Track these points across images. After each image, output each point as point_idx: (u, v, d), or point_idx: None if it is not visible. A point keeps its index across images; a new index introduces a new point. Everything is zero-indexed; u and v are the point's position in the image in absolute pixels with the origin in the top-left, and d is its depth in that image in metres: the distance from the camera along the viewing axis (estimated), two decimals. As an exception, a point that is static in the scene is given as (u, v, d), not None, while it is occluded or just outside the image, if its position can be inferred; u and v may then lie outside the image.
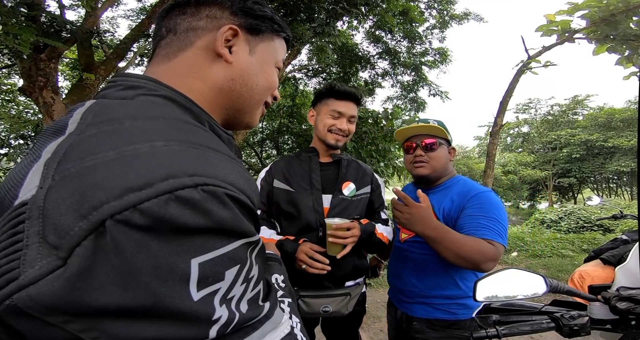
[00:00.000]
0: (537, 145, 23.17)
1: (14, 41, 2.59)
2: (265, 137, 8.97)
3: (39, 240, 0.25)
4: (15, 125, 4.98)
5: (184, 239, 0.28)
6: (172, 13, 0.51)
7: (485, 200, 1.10)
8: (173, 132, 0.34)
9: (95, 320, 0.26)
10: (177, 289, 0.28)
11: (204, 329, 0.30)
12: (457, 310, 1.16)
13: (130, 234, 0.26)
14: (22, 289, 0.24)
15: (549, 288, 0.81)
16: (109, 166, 0.28)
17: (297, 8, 4.53)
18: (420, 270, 1.20)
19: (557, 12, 4.94)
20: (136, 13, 8.02)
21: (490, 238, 1.00)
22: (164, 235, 0.27)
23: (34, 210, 0.26)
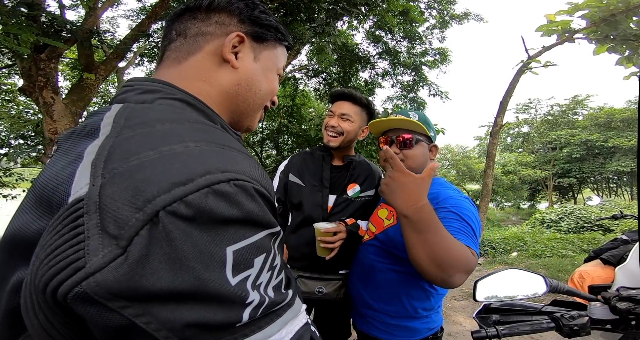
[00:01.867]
0: (537, 145, 23.17)
1: (13, 42, 2.58)
2: (265, 137, 8.97)
3: (98, 232, 0.28)
4: (15, 125, 4.98)
5: (220, 228, 0.31)
6: (183, 17, 0.53)
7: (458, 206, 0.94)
8: (199, 133, 0.38)
9: (148, 305, 0.28)
10: (217, 274, 0.30)
11: (238, 312, 0.32)
12: (398, 333, 1.03)
13: (177, 224, 0.29)
14: (90, 277, 0.27)
15: (549, 288, 0.81)
16: (153, 164, 0.31)
17: (297, 8, 4.54)
18: (366, 276, 1.10)
19: (557, 12, 4.94)
20: (136, 13, 8.02)
21: (467, 244, 0.82)
22: (204, 224, 0.30)
23: (91, 205, 0.29)
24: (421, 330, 1.05)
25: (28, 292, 0.30)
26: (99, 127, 0.38)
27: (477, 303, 0.86)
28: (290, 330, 0.38)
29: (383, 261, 1.06)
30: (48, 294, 0.28)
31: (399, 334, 1.04)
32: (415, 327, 1.04)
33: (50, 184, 0.34)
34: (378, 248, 1.09)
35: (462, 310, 3.31)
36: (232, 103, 0.53)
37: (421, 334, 1.05)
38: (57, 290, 0.27)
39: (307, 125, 6.85)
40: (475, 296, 0.85)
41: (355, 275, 1.18)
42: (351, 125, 1.31)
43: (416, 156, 1.05)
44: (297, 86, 8.97)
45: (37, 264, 0.29)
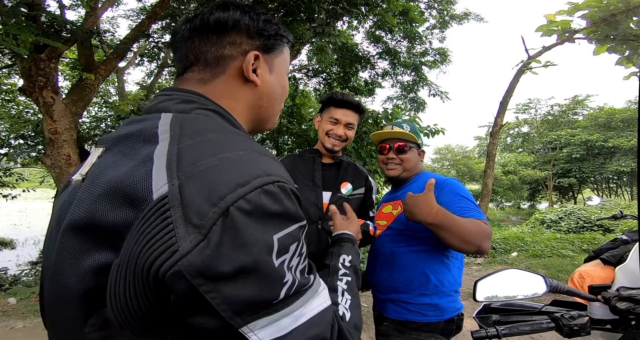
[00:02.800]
0: (537, 145, 23.16)
1: (13, 42, 2.58)
2: (265, 137, 8.96)
3: (183, 222, 0.36)
4: (15, 125, 4.97)
5: (269, 220, 0.40)
6: (194, 39, 0.56)
7: (455, 186, 1.19)
8: (244, 143, 0.46)
9: (216, 283, 0.36)
10: (267, 256, 0.38)
11: (278, 289, 0.40)
12: (428, 312, 1.16)
13: (241, 217, 0.37)
14: (183, 258, 0.35)
15: (549, 288, 0.81)
16: (218, 169, 0.40)
17: (297, 8, 4.54)
18: (390, 264, 1.24)
19: (557, 12, 4.94)
20: (136, 13, 8.02)
21: (479, 218, 1.06)
22: (259, 217, 0.39)
23: (174, 201, 0.37)
24: (448, 309, 1.18)
25: (123, 273, 0.38)
26: (156, 134, 0.45)
27: (477, 303, 0.86)
28: (311, 309, 0.45)
29: (402, 245, 1.22)
30: (152, 273, 0.35)
31: (429, 313, 1.16)
32: (444, 305, 1.17)
33: (126, 181, 0.40)
34: (394, 236, 1.26)
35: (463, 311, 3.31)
36: (255, 113, 0.61)
37: (448, 313, 1.18)
38: (159, 269, 0.35)
39: (307, 126, 6.84)
40: (475, 296, 0.85)
41: (377, 267, 1.29)
42: (353, 133, 1.42)
43: (410, 159, 1.33)
44: (297, 86, 8.96)
45: (138, 249, 0.36)
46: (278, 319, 0.41)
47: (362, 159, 3.90)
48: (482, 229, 1.01)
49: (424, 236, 1.16)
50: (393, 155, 1.33)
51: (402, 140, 1.33)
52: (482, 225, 1.03)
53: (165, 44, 6.35)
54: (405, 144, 1.32)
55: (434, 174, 1.35)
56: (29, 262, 7.48)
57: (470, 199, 1.14)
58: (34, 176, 15.29)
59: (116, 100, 7.38)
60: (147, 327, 0.40)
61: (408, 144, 1.33)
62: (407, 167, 1.33)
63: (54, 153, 3.56)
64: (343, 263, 0.73)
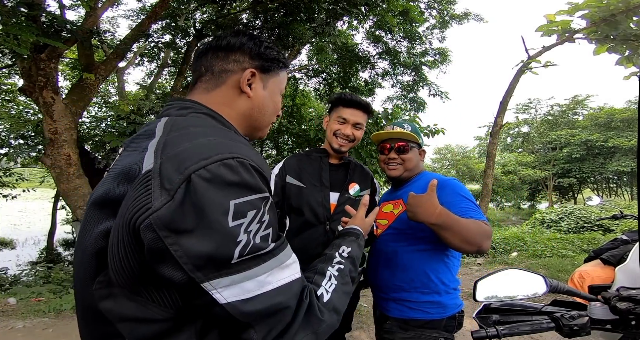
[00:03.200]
0: (537, 145, 23.14)
1: (13, 42, 2.58)
2: (265, 137, 8.96)
3: (159, 188, 0.46)
4: (15, 125, 4.97)
5: (226, 188, 0.48)
6: (208, 54, 0.71)
7: (456, 186, 1.20)
8: (221, 133, 0.58)
9: (178, 236, 0.45)
10: (221, 217, 0.46)
11: (232, 247, 0.47)
12: (430, 310, 1.18)
13: (201, 183, 0.46)
14: (154, 213, 0.44)
15: (549, 288, 0.81)
16: (189, 150, 0.50)
17: (297, 8, 4.53)
18: (391, 263, 1.24)
19: (557, 12, 4.94)
20: (136, 13, 8.02)
21: (480, 218, 1.07)
22: (217, 184, 0.47)
23: (155, 174, 0.48)
24: (450, 305, 1.19)
25: (116, 231, 0.48)
26: (155, 131, 0.57)
27: (477, 303, 0.86)
28: (278, 278, 0.52)
29: (403, 244, 1.23)
30: (131, 225, 0.46)
31: (431, 311, 1.17)
32: (445, 302, 1.18)
33: (128, 166, 0.53)
34: (396, 235, 1.26)
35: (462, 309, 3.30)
36: (247, 121, 0.72)
37: (450, 310, 1.19)
38: (136, 222, 0.45)
39: (307, 126, 6.84)
40: (475, 296, 0.85)
41: (379, 266, 1.30)
42: (361, 133, 1.42)
43: (411, 159, 1.34)
44: (297, 86, 8.96)
45: (125, 209, 0.47)
46: (241, 280, 0.48)
47: (362, 159, 3.89)
48: (483, 229, 1.03)
49: (425, 235, 1.17)
50: (394, 155, 1.33)
51: (403, 140, 1.33)
52: (483, 225, 1.04)
53: (165, 44, 6.35)
54: (407, 143, 1.33)
55: (434, 173, 1.36)
56: (29, 262, 7.48)
57: (471, 200, 1.16)
58: (34, 176, 15.29)
59: (116, 100, 7.38)
60: (139, 287, 0.50)
61: (409, 143, 1.33)
62: (408, 167, 1.33)
63: (54, 153, 3.56)
64: (341, 253, 0.77)
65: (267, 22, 5.12)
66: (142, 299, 0.50)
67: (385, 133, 1.36)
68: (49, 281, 4.30)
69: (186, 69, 5.77)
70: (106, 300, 0.52)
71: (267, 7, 4.88)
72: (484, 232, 1.02)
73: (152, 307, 0.50)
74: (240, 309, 0.48)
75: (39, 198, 20.16)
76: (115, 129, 4.67)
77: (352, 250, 0.79)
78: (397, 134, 1.33)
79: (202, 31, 5.50)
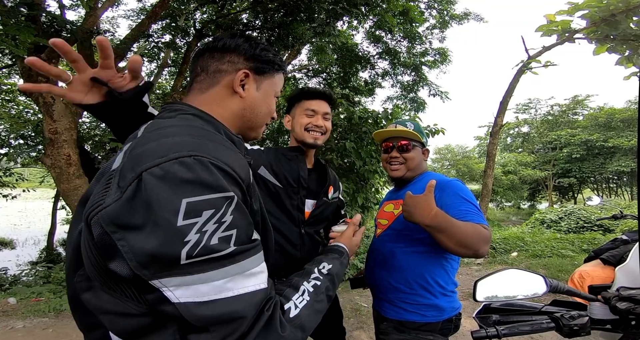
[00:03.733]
0: (537, 145, 23.13)
1: (11, 43, 2.58)
2: (265, 137, 8.95)
3: (116, 185, 0.48)
4: (15, 125, 4.96)
5: (179, 185, 0.47)
6: (205, 55, 0.72)
7: (457, 188, 1.15)
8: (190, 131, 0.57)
9: (125, 232, 0.46)
10: (169, 215, 0.45)
11: (179, 246, 0.46)
12: (427, 312, 1.15)
13: (152, 180, 0.46)
14: (103, 210, 0.47)
15: (549, 288, 0.81)
16: (150, 149, 0.50)
17: (297, 8, 4.53)
18: (388, 264, 1.23)
19: (557, 12, 4.94)
20: (136, 13, 8.02)
21: (479, 222, 1.03)
22: (169, 181, 0.47)
23: (117, 172, 0.50)
24: (447, 308, 1.17)
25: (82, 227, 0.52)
26: (137, 133, 0.61)
27: (477, 303, 0.86)
28: (240, 286, 0.50)
29: (401, 245, 1.21)
30: (87, 221, 0.49)
31: (427, 313, 1.15)
32: (442, 305, 1.16)
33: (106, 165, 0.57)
34: (394, 236, 1.24)
35: (462, 310, 3.30)
36: (240, 122, 0.73)
37: (447, 313, 1.17)
38: (88, 217, 0.49)
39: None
40: (475, 296, 0.85)
41: (376, 267, 1.28)
42: (330, 124, 1.35)
43: (413, 158, 1.31)
44: (297, 86, 8.96)
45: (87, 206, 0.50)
46: (193, 282, 0.47)
47: (362, 159, 3.89)
48: (480, 233, 1.00)
49: (423, 237, 1.14)
50: (396, 153, 1.31)
51: (405, 139, 1.31)
52: (481, 229, 1.01)
53: (165, 44, 6.35)
54: (409, 142, 1.31)
55: (437, 174, 1.34)
56: (29, 262, 7.48)
57: (472, 202, 1.12)
58: (34, 176, 15.28)
59: (116, 100, 7.37)
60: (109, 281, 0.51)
61: (412, 142, 1.31)
62: (410, 167, 1.31)
63: (54, 153, 3.56)
64: (321, 269, 0.74)
65: (267, 22, 5.12)
66: (116, 293, 0.51)
67: (387, 131, 1.34)
68: (49, 281, 4.30)
69: (186, 69, 5.77)
70: (86, 293, 0.54)
71: (267, 7, 4.88)
72: (481, 236, 0.99)
73: (126, 301, 0.51)
74: (193, 311, 0.47)
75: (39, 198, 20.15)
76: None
77: (332, 267, 0.76)
78: (400, 133, 1.31)
79: (202, 31, 5.50)
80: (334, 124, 5.14)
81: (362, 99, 8.76)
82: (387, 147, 1.34)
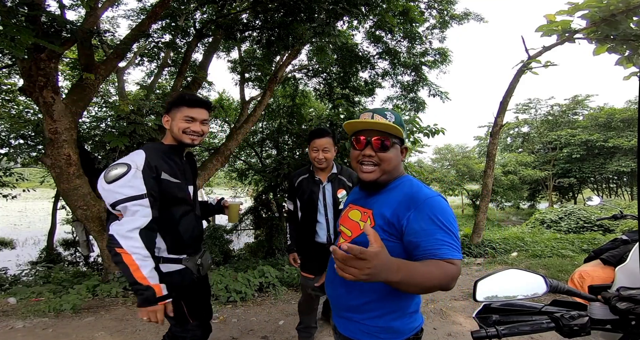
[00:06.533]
0: (537, 145, 23.14)
1: (10, 43, 2.58)
2: (265, 137, 8.95)
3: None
4: (15, 125, 4.96)
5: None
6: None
7: (436, 209, 0.96)
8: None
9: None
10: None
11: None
12: (382, 335, 1.03)
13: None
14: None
15: (549, 288, 0.81)
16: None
17: (297, 8, 4.53)
18: (348, 281, 1.01)
19: (557, 12, 4.94)
20: (136, 13, 8.01)
21: (451, 257, 0.90)
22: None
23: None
24: (404, 330, 1.05)
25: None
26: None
27: (477, 303, 0.86)
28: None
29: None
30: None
31: (383, 336, 1.04)
32: (400, 327, 1.04)
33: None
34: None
35: (462, 310, 3.31)
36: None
37: (404, 334, 1.05)
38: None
39: (307, 126, 6.84)
40: (475, 296, 0.85)
41: (335, 281, 1.14)
42: (208, 127, 1.60)
43: (391, 159, 1.06)
44: (297, 86, 8.96)
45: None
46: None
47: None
48: (446, 274, 0.88)
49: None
50: (371, 151, 1.05)
51: (384, 134, 1.04)
52: (449, 269, 0.88)
53: (165, 44, 6.35)
54: (388, 139, 1.04)
55: (416, 182, 1.08)
56: (29, 262, 7.48)
57: (449, 229, 0.94)
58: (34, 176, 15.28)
59: (116, 100, 7.38)
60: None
61: (391, 139, 1.04)
62: (387, 169, 1.06)
63: (54, 153, 3.56)
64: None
65: (267, 22, 5.12)
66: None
67: (362, 122, 1.05)
68: (49, 281, 4.30)
69: (186, 68, 5.77)
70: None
71: (267, 7, 4.88)
72: (447, 278, 0.88)
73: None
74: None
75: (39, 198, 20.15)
76: (115, 129, 4.67)
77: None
78: (377, 125, 1.03)
79: (202, 31, 5.50)
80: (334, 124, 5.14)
81: (362, 99, 8.76)
82: (360, 142, 1.06)
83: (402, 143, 1.10)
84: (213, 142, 10.13)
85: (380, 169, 1.06)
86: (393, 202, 1.02)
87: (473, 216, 13.30)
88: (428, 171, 20.01)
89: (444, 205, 0.98)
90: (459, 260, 0.91)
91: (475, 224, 6.30)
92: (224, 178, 14.22)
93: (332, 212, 2.18)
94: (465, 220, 17.63)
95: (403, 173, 1.14)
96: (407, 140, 1.17)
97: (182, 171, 1.53)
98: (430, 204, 0.96)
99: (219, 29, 5.35)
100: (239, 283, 3.77)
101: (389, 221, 1.00)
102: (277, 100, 9.37)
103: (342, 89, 8.32)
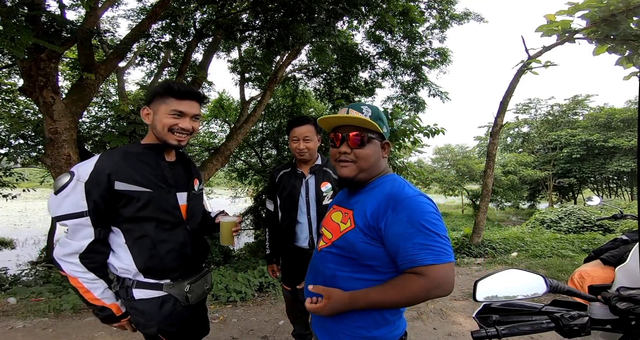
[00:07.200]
0: (537, 145, 23.15)
1: (10, 43, 2.58)
2: (265, 137, 8.97)
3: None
4: (15, 125, 4.97)
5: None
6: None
7: (414, 210, 0.89)
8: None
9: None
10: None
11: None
12: None
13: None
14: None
15: (549, 288, 0.81)
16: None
17: (297, 8, 4.53)
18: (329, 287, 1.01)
19: (557, 12, 4.94)
20: (136, 13, 8.01)
21: (432, 262, 0.85)
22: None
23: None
24: (387, 338, 1.01)
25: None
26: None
27: (477, 303, 0.86)
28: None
29: (345, 270, 0.98)
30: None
31: None
32: (382, 336, 1.00)
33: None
34: (337, 256, 1.00)
35: (462, 310, 3.31)
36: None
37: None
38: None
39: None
40: (475, 296, 0.85)
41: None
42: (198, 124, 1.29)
43: (368, 156, 1.01)
44: (297, 86, 8.96)
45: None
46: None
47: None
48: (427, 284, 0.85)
49: (375, 265, 0.95)
50: (346, 148, 1.01)
51: (359, 129, 1.01)
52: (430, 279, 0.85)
53: (165, 44, 6.35)
54: (363, 134, 1.00)
55: (399, 180, 1.02)
56: (29, 262, 7.49)
57: (430, 230, 0.87)
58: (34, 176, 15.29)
59: (116, 100, 7.38)
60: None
61: (367, 134, 1.00)
62: (363, 166, 1.01)
63: (54, 153, 3.56)
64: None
65: (267, 22, 5.12)
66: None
67: (336, 117, 1.02)
68: (49, 281, 4.30)
69: (186, 68, 5.77)
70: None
71: (267, 7, 4.88)
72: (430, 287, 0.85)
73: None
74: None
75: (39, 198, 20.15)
76: (115, 129, 4.67)
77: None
78: (352, 120, 1.00)
79: (202, 31, 5.50)
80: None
81: (362, 99, 8.76)
82: (336, 139, 1.03)
83: (383, 138, 1.06)
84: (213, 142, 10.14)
85: (357, 166, 1.01)
86: (373, 203, 0.97)
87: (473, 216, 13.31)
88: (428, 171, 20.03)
89: (424, 204, 0.91)
90: (446, 264, 0.86)
91: (475, 224, 6.30)
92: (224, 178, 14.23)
93: (315, 209, 1.91)
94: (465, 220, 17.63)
95: (387, 171, 1.08)
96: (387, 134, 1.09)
97: (160, 176, 1.20)
98: (407, 205, 0.90)
99: (219, 29, 5.35)
100: (239, 283, 3.77)
101: (369, 224, 0.95)
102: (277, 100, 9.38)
103: (342, 89, 8.32)
